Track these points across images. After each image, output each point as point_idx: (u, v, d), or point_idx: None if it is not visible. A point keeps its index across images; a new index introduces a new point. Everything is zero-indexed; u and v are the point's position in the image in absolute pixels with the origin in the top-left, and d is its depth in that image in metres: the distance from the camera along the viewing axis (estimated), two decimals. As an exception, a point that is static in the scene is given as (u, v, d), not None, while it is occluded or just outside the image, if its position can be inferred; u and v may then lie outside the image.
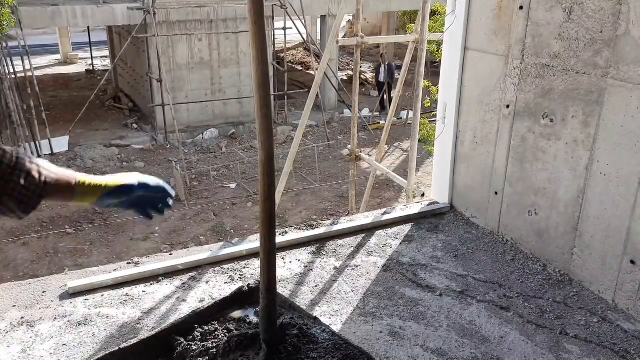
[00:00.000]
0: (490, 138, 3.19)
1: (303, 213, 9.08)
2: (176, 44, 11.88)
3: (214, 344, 1.53)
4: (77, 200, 1.25)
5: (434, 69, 10.52)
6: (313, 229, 3.30)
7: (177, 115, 11.32)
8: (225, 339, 1.54)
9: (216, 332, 1.58)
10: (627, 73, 2.41)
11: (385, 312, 2.58)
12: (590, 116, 2.61)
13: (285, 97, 13.38)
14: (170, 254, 3.06)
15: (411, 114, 6.50)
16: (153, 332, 1.53)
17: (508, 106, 3.04)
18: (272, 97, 13.41)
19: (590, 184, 2.66)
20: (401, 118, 13.24)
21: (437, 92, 7.08)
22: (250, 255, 3.01)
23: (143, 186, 1.34)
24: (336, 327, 2.42)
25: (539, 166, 2.92)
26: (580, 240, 2.76)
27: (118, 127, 12.66)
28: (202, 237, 8.20)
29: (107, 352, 1.42)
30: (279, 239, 3.15)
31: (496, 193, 3.21)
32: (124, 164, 10.83)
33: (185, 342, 1.53)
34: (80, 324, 2.44)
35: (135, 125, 12.78)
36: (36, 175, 1.13)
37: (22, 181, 1.10)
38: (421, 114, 5.14)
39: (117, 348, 1.46)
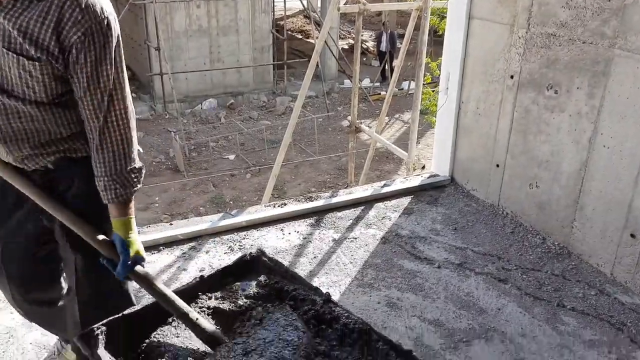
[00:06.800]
0: (493, 109, 3.15)
1: (302, 185, 9.08)
2: (174, 11, 11.65)
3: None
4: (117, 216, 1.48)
5: (436, 38, 10.33)
6: (312, 201, 3.29)
7: (176, 85, 11.19)
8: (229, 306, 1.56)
9: (218, 301, 1.59)
10: (635, 43, 2.36)
11: (383, 284, 2.59)
12: (596, 87, 2.56)
13: (285, 67, 13.22)
14: (171, 224, 3.05)
15: (413, 84, 6.42)
16: (154, 300, 1.53)
17: (512, 77, 2.99)
18: (272, 67, 13.26)
19: (593, 156, 2.63)
20: (402, 89, 13.10)
21: (437, 68, 6.97)
22: (249, 226, 3.01)
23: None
24: (335, 298, 2.42)
25: (542, 138, 2.88)
26: (581, 213, 2.75)
27: (116, 97, 12.51)
28: (201, 208, 8.22)
29: (110, 319, 1.42)
30: (278, 211, 3.15)
31: (497, 165, 3.19)
32: (123, 133, 10.77)
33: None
34: (79, 293, 2.44)
35: (133, 95, 12.63)
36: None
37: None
38: (423, 85, 5.07)
39: (119, 315, 1.46)
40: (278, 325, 1.44)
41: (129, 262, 1.44)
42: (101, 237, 1.47)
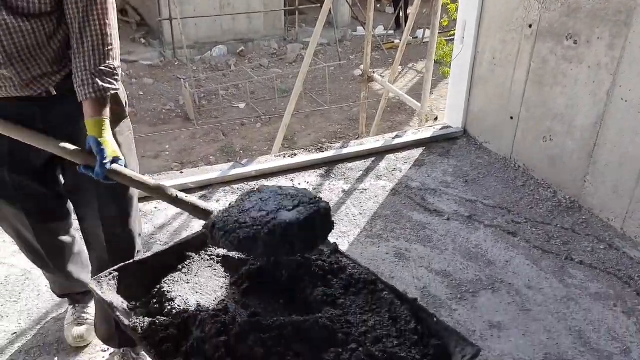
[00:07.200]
0: (510, 59, 3.06)
1: (312, 135, 9.02)
2: (182, -47, 11.26)
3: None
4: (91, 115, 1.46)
5: (453, -15, 9.94)
6: (322, 151, 3.27)
7: (185, 31, 10.97)
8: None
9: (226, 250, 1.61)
10: (664, -10, 2.24)
11: (392, 235, 2.61)
12: (617, 38, 2.46)
13: (296, 13, 12.86)
14: (181, 172, 3.07)
15: (428, 32, 6.23)
16: (166, 247, 1.56)
17: (530, 26, 2.87)
18: (283, 13, 12.92)
19: (610, 109, 2.57)
20: (417, 37, 12.74)
21: (456, 10, 6.73)
22: (259, 176, 3.02)
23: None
24: (343, 248, 2.46)
25: (559, 90, 2.81)
26: (594, 167, 2.71)
27: (125, 42, 12.32)
28: (211, 157, 8.23)
29: (124, 264, 1.45)
30: (288, 161, 3.14)
31: (511, 118, 3.13)
32: (133, 80, 10.69)
33: (195, 256, 1.57)
34: (93, 239, 2.49)
35: (143, 40, 12.45)
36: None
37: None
38: (438, 33, 4.90)
39: (131, 261, 1.49)
40: (275, 188, 1.41)
41: (106, 161, 1.43)
42: (74, 147, 1.48)
